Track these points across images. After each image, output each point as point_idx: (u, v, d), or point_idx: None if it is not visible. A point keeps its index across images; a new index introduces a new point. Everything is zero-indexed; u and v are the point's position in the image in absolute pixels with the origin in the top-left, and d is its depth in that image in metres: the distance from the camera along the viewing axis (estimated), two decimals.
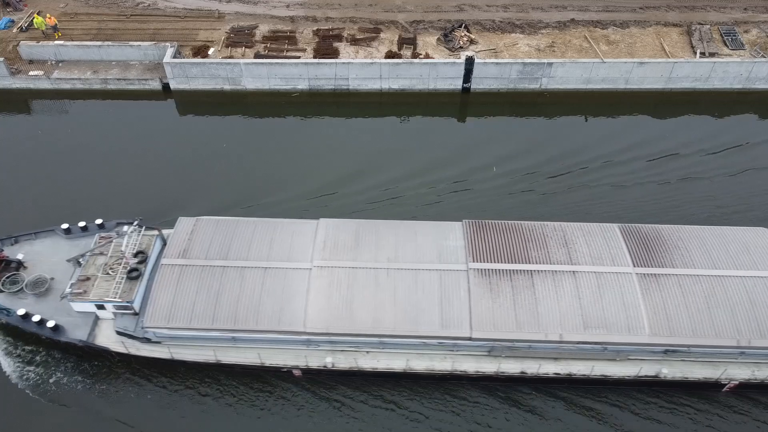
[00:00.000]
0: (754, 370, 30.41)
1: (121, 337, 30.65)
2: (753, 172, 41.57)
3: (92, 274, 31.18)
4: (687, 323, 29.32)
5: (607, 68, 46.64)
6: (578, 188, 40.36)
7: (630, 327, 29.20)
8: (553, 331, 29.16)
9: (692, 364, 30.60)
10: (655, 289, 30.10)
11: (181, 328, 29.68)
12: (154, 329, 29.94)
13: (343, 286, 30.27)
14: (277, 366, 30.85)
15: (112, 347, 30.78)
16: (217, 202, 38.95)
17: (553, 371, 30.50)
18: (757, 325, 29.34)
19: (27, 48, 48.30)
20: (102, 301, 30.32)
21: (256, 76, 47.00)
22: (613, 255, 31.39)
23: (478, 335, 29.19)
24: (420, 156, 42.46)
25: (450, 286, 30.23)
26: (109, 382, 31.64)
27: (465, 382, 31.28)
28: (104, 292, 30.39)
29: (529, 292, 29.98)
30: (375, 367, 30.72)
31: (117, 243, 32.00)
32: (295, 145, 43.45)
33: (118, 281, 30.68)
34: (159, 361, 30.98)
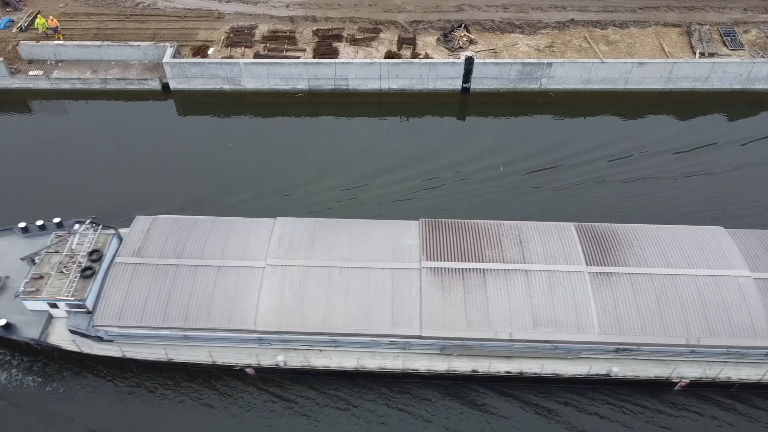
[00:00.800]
0: (705, 368, 30.38)
1: (74, 336, 30.67)
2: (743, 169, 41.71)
3: (46, 273, 31.21)
4: (637, 322, 29.30)
5: (606, 68, 46.65)
6: (573, 187, 40.43)
7: (580, 325, 29.18)
8: (503, 329, 29.14)
9: (643, 362, 30.57)
10: (606, 287, 30.08)
11: (132, 327, 29.71)
12: (105, 327, 29.96)
13: (295, 284, 30.26)
14: (229, 365, 30.88)
15: (65, 346, 30.80)
16: (205, 199, 39.16)
17: (504, 370, 30.49)
18: (707, 324, 29.31)
19: (26, 48, 48.31)
20: (54, 300, 30.35)
21: (256, 76, 47.01)
22: (566, 254, 31.36)
23: (428, 334, 29.19)
24: (411, 153, 42.61)
25: (402, 284, 30.22)
26: (61, 381, 31.58)
27: (417, 381, 31.32)
28: (57, 290, 30.43)
29: (480, 291, 29.95)
30: (327, 366, 30.73)
31: (72, 242, 32.13)
32: (293, 145, 43.44)
33: (72, 280, 30.71)
34: (112, 360, 31.03)
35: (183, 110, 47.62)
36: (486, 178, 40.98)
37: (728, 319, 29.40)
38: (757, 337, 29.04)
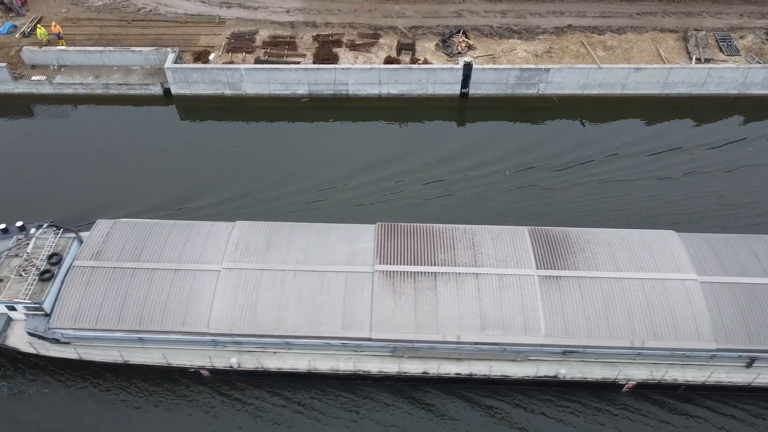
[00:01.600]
0: (652, 370, 30.78)
1: (32, 338, 31.12)
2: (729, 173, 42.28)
3: (5, 276, 31.80)
4: (583, 324, 29.69)
5: (603, 74, 47.11)
6: (567, 188, 41.14)
7: (526, 328, 29.58)
8: (451, 332, 29.59)
9: (591, 364, 30.95)
10: (555, 291, 30.50)
11: (87, 329, 30.19)
12: (62, 330, 30.42)
13: (249, 287, 30.73)
14: (184, 366, 31.34)
15: (22, 348, 31.26)
16: (192, 200, 40.13)
17: (454, 371, 30.88)
18: (652, 327, 29.71)
19: (29, 53, 48.78)
20: (12, 302, 30.87)
21: (257, 82, 47.47)
22: (518, 257, 31.77)
23: (377, 336, 29.63)
24: (401, 155, 43.42)
25: (355, 287, 30.65)
26: (19, 383, 32.01)
27: (370, 382, 31.73)
28: (15, 293, 31.01)
29: (431, 294, 30.37)
30: (280, 368, 31.17)
31: (31, 245, 32.76)
32: (292, 149, 43.93)
33: (30, 283, 31.26)
34: (69, 362, 31.53)
35: (184, 115, 48.06)
36: (462, 179, 41.75)
37: (673, 322, 29.81)
38: (701, 339, 29.47)
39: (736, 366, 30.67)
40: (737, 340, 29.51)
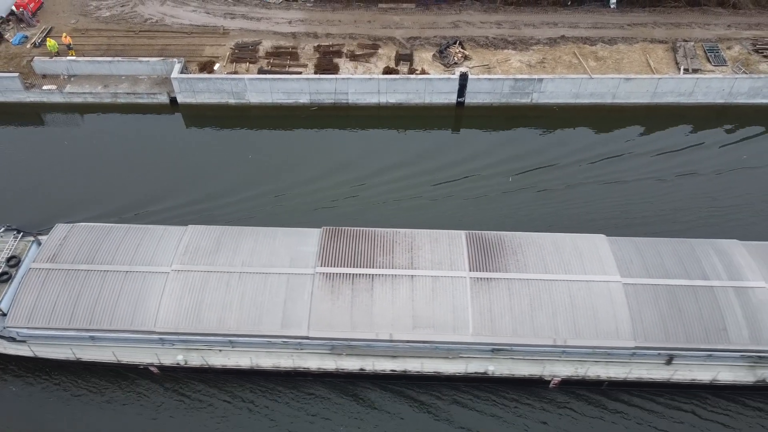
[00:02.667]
0: (577, 367, 32.20)
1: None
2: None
3: None
4: (509, 324, 31.12)
5: (595, 84, 48.81)
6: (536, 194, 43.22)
7: (455, 327, 31.04)
8: (385, 331, 31.09)
9: (518, 362, 32.35)
10: (485, 292, 31.94)
11: (41, 328, 31.86)
12: (17, 328, 32.09)
13: (195, 289, 32.25)
14: (133, 363, 33.01)
15: None
16: (191, 204, 42.03)
17: (390, 368, 32.44)
18: (575, 326, 31.13)
19: (40, 63, 50.50)
20: None
21: (260, 91, 49.19)
22: (452, 260, 33.17)
23: (314, 334, 31.16)
24: (393, 162, 45.40)
25: (296, 288, 32.13)
26: None
27: (311, 379, 33.34)
28: None
29: (367, 295, 31.84)
30: (225, 365, 32.77)
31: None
32: (295, 155, 45.61)
33: None
34: (25, 360, 33.21)
35: (190, 123, 49.76)
36: (446, 184, 43.66)
37: (595, 322, 31.22)
38: (620, 338, 30.89)
39: (656, 363, 32.10)
40: (655, 338, 30.94)
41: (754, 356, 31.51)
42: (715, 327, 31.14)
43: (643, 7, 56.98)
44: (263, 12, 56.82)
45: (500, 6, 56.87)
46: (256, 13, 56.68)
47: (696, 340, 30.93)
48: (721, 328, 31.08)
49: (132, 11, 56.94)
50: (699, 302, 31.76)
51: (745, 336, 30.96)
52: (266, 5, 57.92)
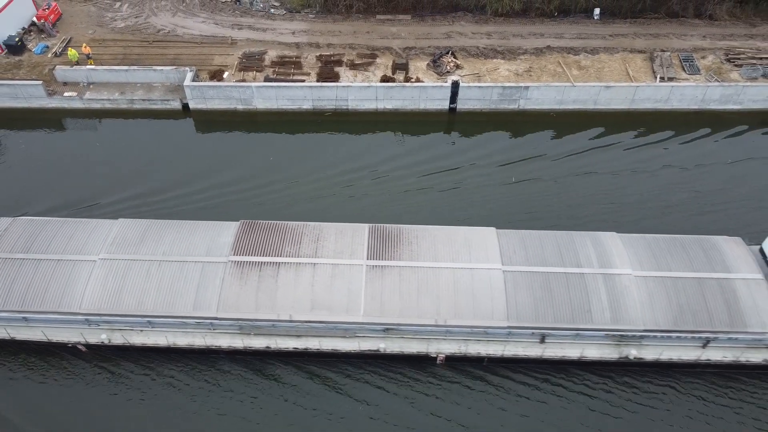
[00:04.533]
0: (460, 345, 35.77)
1: None
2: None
3: None
4: (397, 306, 34.69)
5: (577, 91, 52.54)
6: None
7: (348, 309, 34.61)
8: (285, 312, 34.79)
9: (408, 340, 35.82)
10: (378, 278, 35.54)
11: None
12: None
13: (118, 276, 35.75)
14: (62, 342, 36.69)
15: None
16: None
17: (293, 346, 36.10)
18: (456, 308, 34.71)
19: (62, 71, 54.24)
20: None
21: (266, 98, 52.95)
22: (353, 250, 36.67)
23: (222, 315, 34.83)
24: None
25: (209, 275, 35.55)
26: None
27: (223, 356, 37.01)
28: None
29: (272, 281, 35.40)
30: (145, 343, 36.48)
31: None
32: (299, 157, 49.39)
33: None
34: None
35: (200, 127, 53.50)
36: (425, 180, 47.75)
37: (474, 304, 34.80)
38: (495, 318, 34.59)
39: (531, 342, 35.74)
40: (527, 319, 34.59)
41: (617, 335, 35.17)
42: (582, 309, 34.74)
43: (624, 18, 60.82)
44: (268, 23, 60.61)
45: (490, 18, 60.66)
46: (261, 24, 60.47)
47: (563, 320, 34.60)
48: (586, 310, 34.72)
49: (145, 22, 60.72)
50: (569, 287, 35.34)
51: (607, 317, 34.59)
52: (271, 17, 61.73)
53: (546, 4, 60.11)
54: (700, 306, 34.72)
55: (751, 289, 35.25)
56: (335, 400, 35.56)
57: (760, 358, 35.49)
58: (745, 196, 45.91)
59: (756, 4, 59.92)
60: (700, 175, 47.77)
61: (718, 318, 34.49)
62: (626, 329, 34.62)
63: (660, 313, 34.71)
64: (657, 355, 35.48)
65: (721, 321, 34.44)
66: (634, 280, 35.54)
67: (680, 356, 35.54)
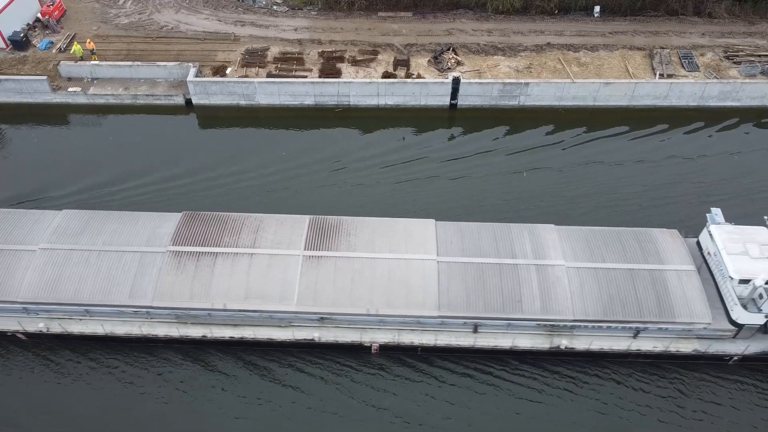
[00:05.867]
0: (394, 334, 36.34)
1: None
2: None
3: None
4: (331, 295, 35.29)
5: (577, 88, 53.00)
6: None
7: (282, 298, 35.21)
8: (219, 301, 35.30)
9: (343, 330, 36.45)
10: (314, 268, 36.14)
11: None
12: None
13: (57, 265, 36.46)
14: (2, 330, 37.24)
15: None
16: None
17: (229, 335, 36.64)
18: (388, 298, 35.26)
19: (66, 67, 54.76)
20: None
21: (269, 93, 53.43)
22: (291, 241, 37.29)
23: (157, 304, 35.40)
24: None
25: (147, 264, 36.37)
26: None
27: (161, 345, 37.53)
28: None
29: (208, 270, 36.05)
30: (83, 332, 36.98)
31: None
32: (302, 151, 50.01)
33: None
34: None
35: (203, 123, 54.00)
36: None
37: (407, 294, 35.37)
38: (426, 308, 35.09)
39: (464, 331, 36.36)
40: (458, 308, 35.14)
41: (548, 325, 35.78)
42: (512, 299, 35.31)
43: (624, 16, 61.26)
44: (271, 20, 61.07)
45: (491, 15, 61.11)
46: (264, 21, 60.94)
47: (494, 310, 35.15)
48: (516, 300, 35.28)
49: (149, 19, 61.21)
50: (502, 278, 35.93)
51: (537, 307, 35.18)
52: (273, 13, 62.19)
53: (546, 2, 60.55)
54: (631, 297, 35.22)
55: (682, 280, 35.74)
56: (270, 389, 36.03)
57: (690, 348, 36.01)
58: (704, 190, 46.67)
59: (755, 3, 60.36)
60: (705, 166, 48.70)
61: (647, 308, 35.00)
62: (556, 319, 35.13)
63: (590, 304, 35.16)
64: (587, 345, 35.94)
65: (651, 311, 34.95)
66: (566, 271, 36.01)
67: (611, 346, 36.04)
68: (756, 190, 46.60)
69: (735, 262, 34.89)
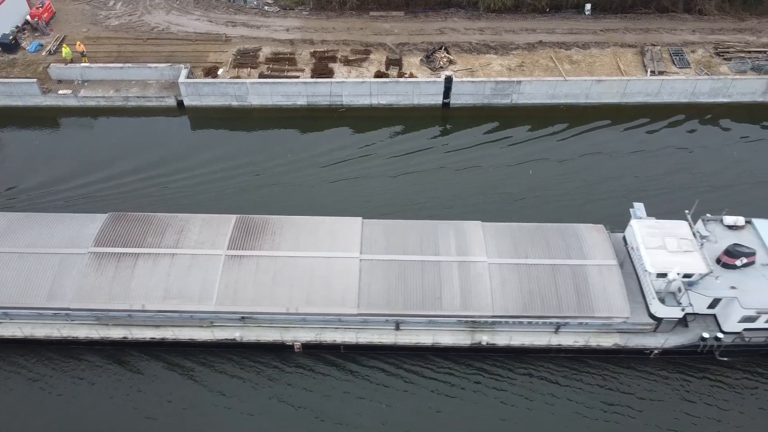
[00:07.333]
0: (317, 333, 36.33)
1: None
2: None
3: None
4: (251, 295, 35.18)
5: (569, 85, 53.12)
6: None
7: (201, 298, 35.07)
8: (138, 302, 35.07)
9: (265, 329, 36.37)
10: (236, 268, 36.02)
11: None
12: None
13: None
14: None
15: None
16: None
17: (150, 336, 36.40)
18: (308, 296, 35.26)
19: (56, 69, 54.35)
20: None
21: (261, 94, 53.23)
22: (214, 240, 37.21)
23: (75, 306, 35.09)
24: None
25: (68, 266, 36.06)
26: None
27: (83, 347, 37.12)
28: None
29: (128, 271, 35.91)
30: (2, 335, 36.52)
31: None
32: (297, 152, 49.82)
33: None
34: None
35: (195, 124, 53.72)
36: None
37: (328, 292, 35.36)
38: (346, 306, 35.12)
39: (387, 329, 36.35)
40: (377, 306, 35.05)
41: (469, 321, 35.81)
42: (433, 296, 35.31)
43: (615, 14, 61.48)
44: (262, 20, 60.87)
45: (483, 13, 61.17)
46: (255, 21, 60.72)
47: (414, 307, 35.15)
48: (436, 297, 35.27)
49: (139, 20, 60.87)
50: (424, 275, 35.93)
51: (456, 303, 35.17)
52: (265, 14, 61.99)
53: (538, 0, 60.64)
54: (551, 292, 35.32)
55: (603, 275, 35.83)
56: (191, 389, 35.72)
57: (611, 342, 36.14)
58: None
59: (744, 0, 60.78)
60: (639, 161, 49.09)
61: (567, 303, 35.10)
62: (476, 315, 35.14)
63: (510, 300, 35.21)
64: (508, 340, 35.97)
65: (570, 306, 35.05)
66: (487, 268, 36.04)
67: (532, 341, 36.12)
68: (686, 185, 46.63)
69: (652, 256, 34.92)
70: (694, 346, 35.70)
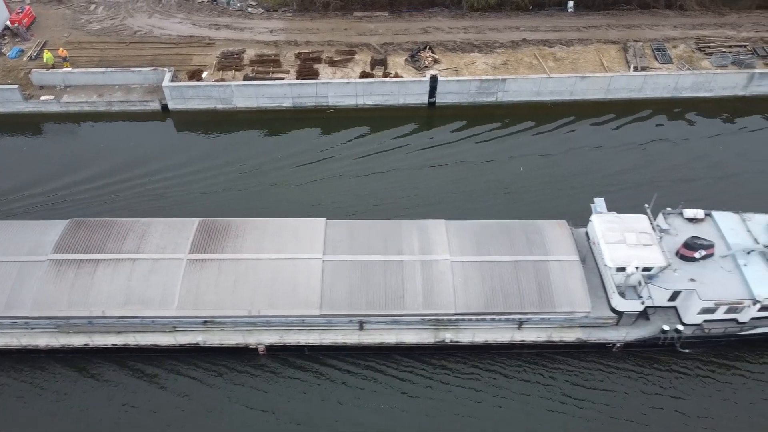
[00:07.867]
0: (281, 335, 36.20)
1: None
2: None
3: None
4: (213, 298, 34.93)
5: (553, 83, 53.43)
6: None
7: (162, 303, 34.74)
8: (98, 308, 34.73)
9: (228, 332, 36.16)
10: (197, 271, 35.64)
11: None
12: None
13: None
14: None
15: None
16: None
17: (112, 342, 36.02)
18: (271, 298, 34.90)
19: (38, 75, 53.78)
20: None
21: (246, 96, 53.03)
22: (176, 244, 36.72)
23: (34, 314, 34.65)
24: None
25: (26, 274, 35.51)
26: None
27: (43, 356, 36.42)
28: None
29: (88, 278, 35.37)
30: None
31: None
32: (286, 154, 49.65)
33: None
34: None
35: (180, 128, 53.40)
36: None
37: (292, 294, 35.05)
38: (308, 307, 34.89)
39: (350, 329, 36.33)
40: (340, 307, 35.01)
41: (432, 320, 35.88)
42: (395, 295, 35.25)
43: (597, 10, 61.98)
44: (246, 22, 60.64)
45: (467, 12, 61.41)
46: (239, 23, 60.48)
47: (377, 307, 35.05)
48: (399, 296, 35.23)
49: (122, 24, 60.40)
50: (387, 274, 35.83)
51: (419, 302, 35.16)
52: (248, 16, 61.77)
53: None
54: (513, 288, 35.46)
55: (564, 270, 36.04)
56: (153, 394, 35.29)
57: (573, 336, 36.41)
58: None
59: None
60: (607, 157, 49.18)
61: (529, 299, 35.25)
62: (438, 313, 35.19)
63: (473, 297, 35.29)
64: (471, 337, 36.07)
65: (532, 302, 35.22)
66: (450, 266, 36.07)
67: (495, 338, 36.22)
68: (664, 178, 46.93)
69: (612, 250, 35.09)
70: (655, 338, 36.01)
